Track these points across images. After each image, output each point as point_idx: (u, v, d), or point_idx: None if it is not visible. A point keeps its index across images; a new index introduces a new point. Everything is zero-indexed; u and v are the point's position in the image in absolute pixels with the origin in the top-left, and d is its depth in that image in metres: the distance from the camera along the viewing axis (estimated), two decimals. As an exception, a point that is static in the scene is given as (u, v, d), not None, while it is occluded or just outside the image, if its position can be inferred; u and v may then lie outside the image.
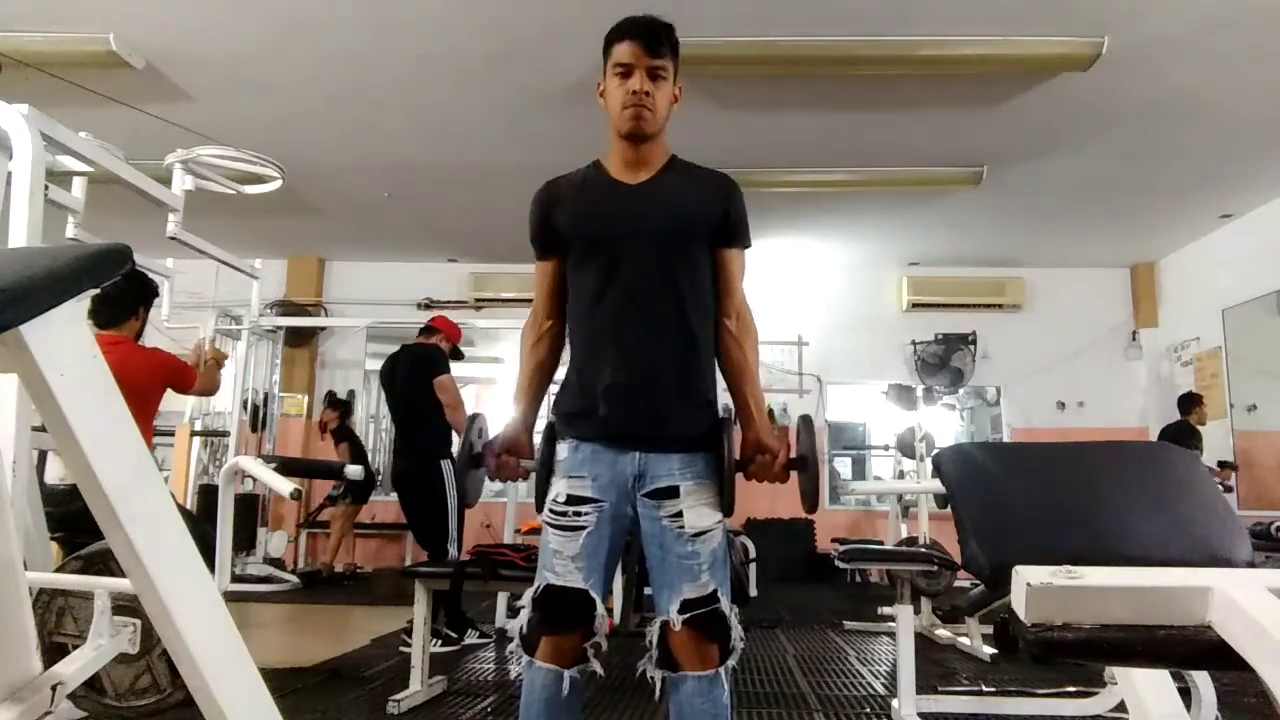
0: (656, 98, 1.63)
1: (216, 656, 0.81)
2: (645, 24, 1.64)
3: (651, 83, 1.62)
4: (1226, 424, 6.66)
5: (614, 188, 1.70)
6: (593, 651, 1.58)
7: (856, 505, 7.93)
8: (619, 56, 1.63)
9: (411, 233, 7.41)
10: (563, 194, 1.73)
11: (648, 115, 1.63)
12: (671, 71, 1.66)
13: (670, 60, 1.65)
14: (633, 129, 1.64)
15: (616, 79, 1.64)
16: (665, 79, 1.65)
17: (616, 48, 1.64)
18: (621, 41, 1.63)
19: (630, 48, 1.62)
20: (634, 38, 1.62)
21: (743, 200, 1.73)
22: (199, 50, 4.34)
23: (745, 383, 1.72)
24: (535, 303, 1.78)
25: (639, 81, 1.61)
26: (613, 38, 1.66)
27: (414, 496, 4.13)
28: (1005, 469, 1.31)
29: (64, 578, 2.17)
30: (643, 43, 1.62)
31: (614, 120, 1.66)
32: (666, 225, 1.65)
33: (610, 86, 1.65)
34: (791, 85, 4.63)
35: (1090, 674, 3.07)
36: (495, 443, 1.72)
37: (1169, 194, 6.15)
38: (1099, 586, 0.81)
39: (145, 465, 0.78)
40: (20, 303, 0.65)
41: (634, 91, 1.61)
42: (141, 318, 3.24)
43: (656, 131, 1.67)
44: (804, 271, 7.99)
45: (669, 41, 1.65)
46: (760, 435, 1.67)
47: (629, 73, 1.62)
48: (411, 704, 2.99)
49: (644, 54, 1.61)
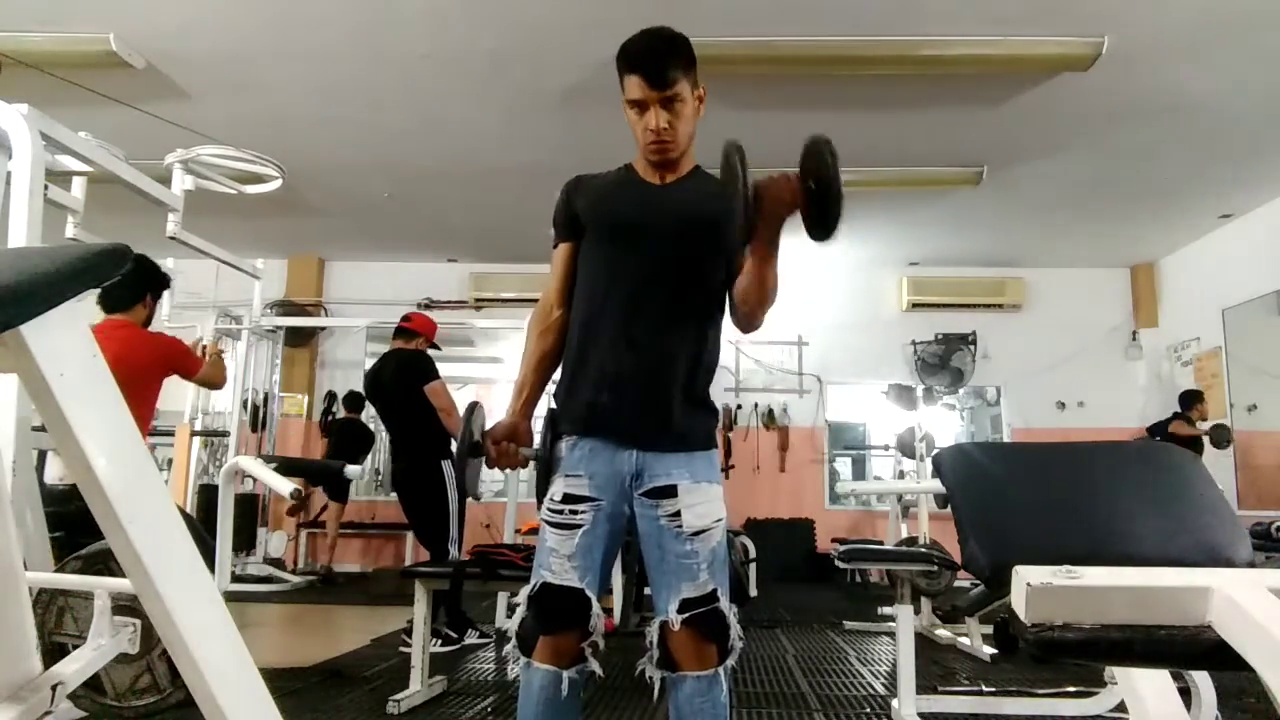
0: (676, 127, 1.62)
1: (216, 656, 0.81)
2: (648, 52, 1.59)
3: (668, 113, 1.60)
4: (1226, 424, 6.65)
5: (640, 185, 1.71)
6: (590, 651, 1.57)
7: (856, 505, 7.93)
8: (630, 92, 1.61)
9: (411, 233, 7.42)
10: (589, 184, 1.75)
11: (670, 147, 1.64)
12: (688, 89, 1.62)
13: (684, 79, 1.60)
14: (659, 161, 1.67)
15: (633, 113, 1.63)
16: (683, 101, 1.61)
17: (627, 79, 1.61)
18: (630, 74, 1.60)
19: (639, 84, 1.58)
20: (638, 72, 1.58)
21: None
22: (199, 50, 4.33)
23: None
24: (547, 288, 1.78)
25: (654, 119, 1.60)
26: (621, 67, 1.62)
27: (415, 497, 4.12)
28: (1005, 469, 1.31)
29: (64, 578, 2.17)
30: (649, 78, 1.58)
31: (640, 147, 1.68)
32: (685, 223, 1.65)
33: (629, 117, 1.65)
34: (792, 85, 4.63)
35: (1090, 674, 3.07)
36: (494, 430, 1.70)
37: (1169, 194, 6.15)
38: (1099, 586, 0.81)
39: (145, 465, 0.78)
40: (20, 303, 0.65)
41: (651, 129, 1.61)
42: (150, 305, 3.24)
43: (682, 153, 1.68)
44: (804, 271, 7.99)
45: (679, 62, 1.60)
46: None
47: (644, 108, 1.61)
48: (411, 704, 2.99)
49: (651, 89, 1.58)
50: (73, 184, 3.34)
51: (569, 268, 1.75)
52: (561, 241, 1.77)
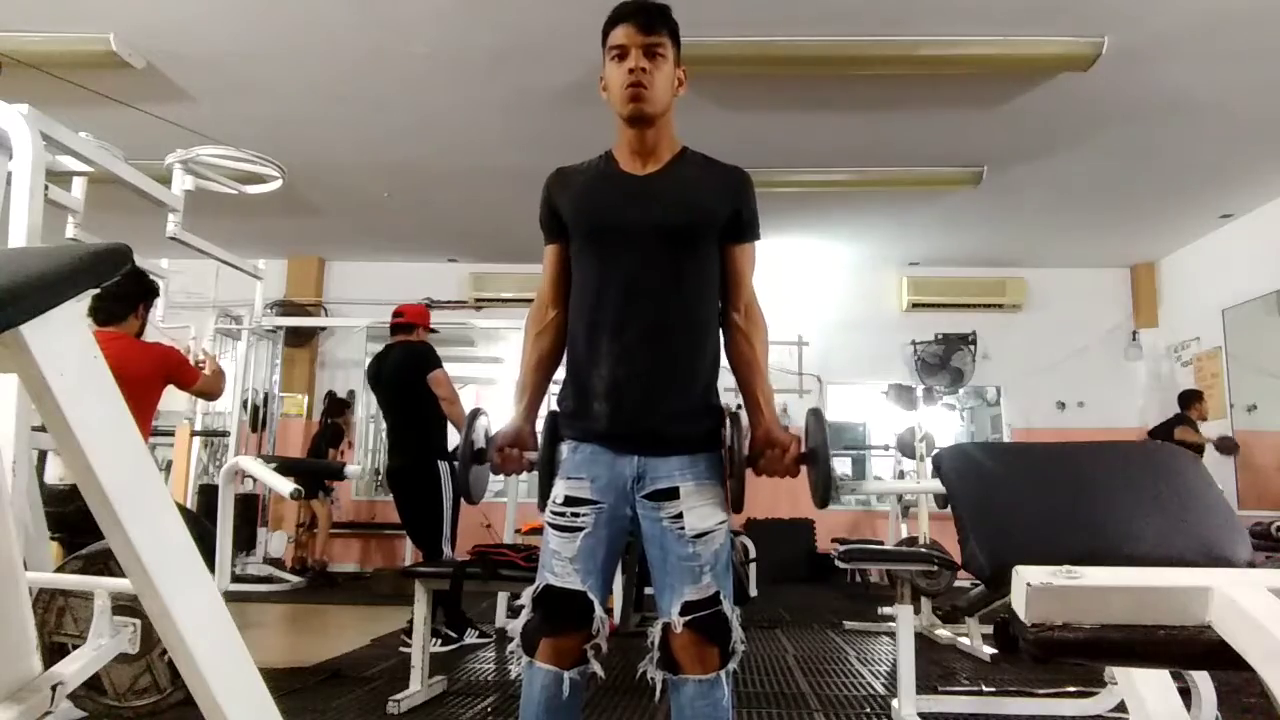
0: (655, 76, 1.59)
1: (216, 656, 0.81)
2: (639, 5, 1.62)
3: (649, 61, 1.59)
4: (1226, 424, 6.66)
5: (620, 178, 1.67)
6: (593, 653, 1.57)
7: (856, 505, 7.93)
8: (614, 39, 1.61)
9: (411, 233, 7.42)
10: (570, 180, 1.71)
11: (646, 94, 1.59)
12: (670, 51, 1.63)
13: (668, 38, 1.62)
14: (633, 110, 1.60)
15: (614, 62, 1.61)
16: (664, 57, 1.61)
17: (612, 32, 1.62)
18: (616, 25, 1.61)
19: (625, 29, 1.60)
20: (628, 19, 1.60)
21: (754, 193, 1.70)
22: (199, 50, 4.33)
23: (755, 377, 1.70)
24: (540, 289, 1.76)
25: (635, 59, 1.58)
26: (608, 24, 1.64)
27: (409, 495, 4.12)
28: (1005, 469, 1.31)
29: (64, 578, 2.17)
30: (637, 23, 1.59)
31: (615, 105, 1.63)
32: (673, 219, 1.62)
33: (609, 71, 1.63)
34: (792, 85, 4.63)
35: (1090, 674, 3.07)
36: (498, 437, 1.70)
37: (1169, 194, 6.15)
38: (1099, 586, 0.81)
39: (145, 465, 0.78)
40: (20, 303, 0.65)
41: (631, 70, 1.58)
42: (141, 316, 3.23)
43: (658, 113, 1.62)
44: (804, 271, 7.99)
45: (665, 21, 1.62)
46: (770, 429, 1.65)
47: (625, 53, 1.60)
48: (411, 704, 2.99)
49: (638, 33, 1.59)
50: (73, 184, 3.33)
51: (560, 268, 1.73)
52: (550, 243, 1.75)
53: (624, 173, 1.67)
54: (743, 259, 1.70)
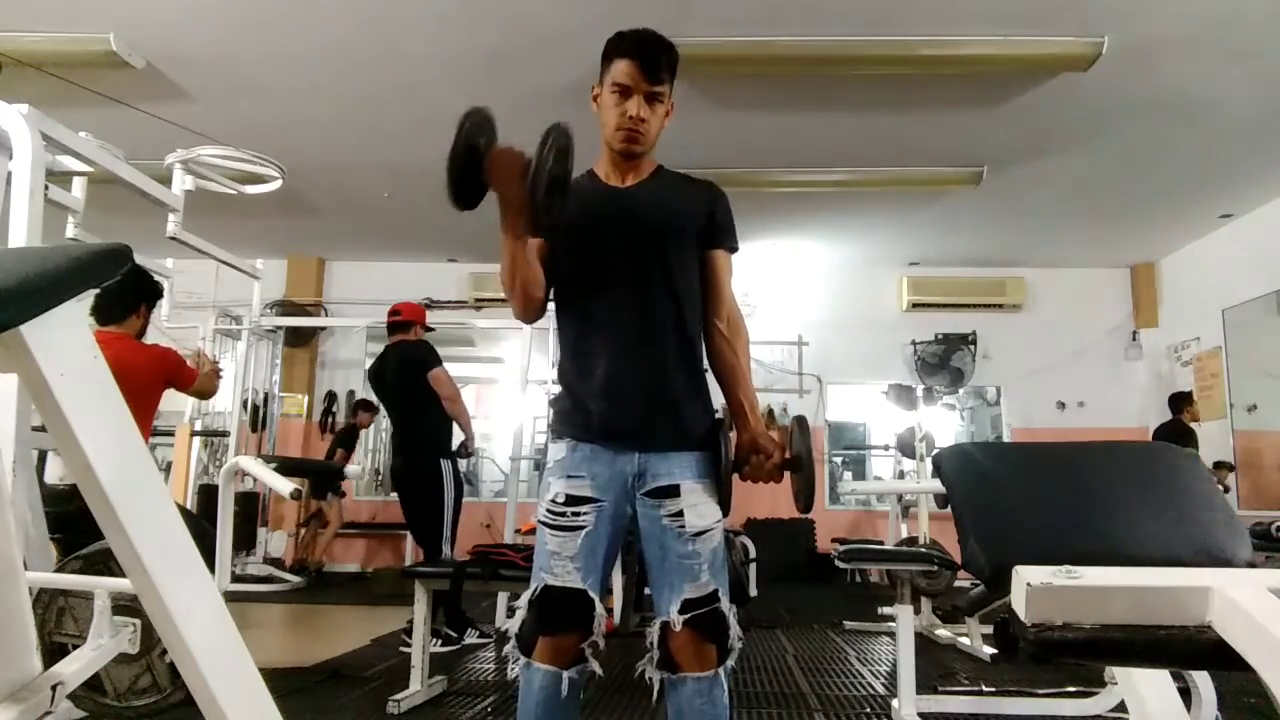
0: (651, 122, 1.65)
1: (216, 656, 0.81)
2: (647, 44, 1.63)
3: (648, 107, 1.63)
4: (1226, 424, 6.66)
5: (604, 190, 1.71)
6: (591, 651, 1.57)
7: (856, 505, 7.93)
8: (618, 75, 1.62)
9: (411, 233, 7.41)
10: None
11: (640, 139, 1.65)
12: (668, 93, 1.67)
13: (668, 83, 1.65)
14: (624, 151, 1.67)
15: (613, 96, 1.64)
16: (661, 104, 1.66)
17: (616, 64, 1.63)
18: (622, 59, 1.62)
19: (630, 69, 1.61)
20: (635, 59, 1.61)
21: (728, 205, 1.76)
22: (199, 50, 4.33)
23: (738, 383, 1.73)
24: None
25: (635, 107, 1.62)
26: (613, 51, 1.64)
27: (412, 494, 4.14)
28: (1005, 469, 1.31)
29: (64, 578, 2.17)
30: (643, 66, 1.61)
31: (607, 136, 1.68)
32: (657, 223, 1.67)
33: (606, 101, 1.66)
34: (791, 85, 4.63)
35: (1090, 674, 3.07)
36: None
37: (1169, 194, 6.15)
38: (1099, 586, 0.81)
39: (145, 465, 0.78)
40: (20, 303, 0.65)
41: (630, 116, 1.62)
42: (143, 316, 3.22)
43: (647, 150, 1.70)
44: (804, 271, 7.98)
45: (668, 63, 1.64)
46: (755, 435, 1.67)
47: (626, 94, 1.62)
48: (411, 704, 2.99)
49: (643, 79, 1.61)
50: (73, 184, 3.34)
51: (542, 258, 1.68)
52: None
53: (608, 185, 1.72)
54: (721, 266, 1.74)
